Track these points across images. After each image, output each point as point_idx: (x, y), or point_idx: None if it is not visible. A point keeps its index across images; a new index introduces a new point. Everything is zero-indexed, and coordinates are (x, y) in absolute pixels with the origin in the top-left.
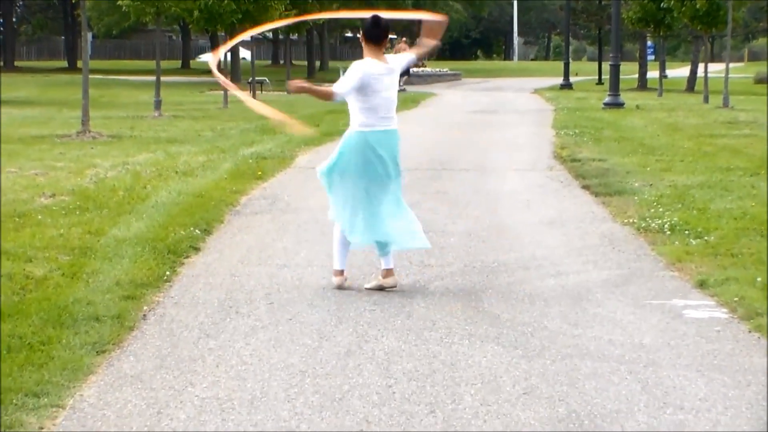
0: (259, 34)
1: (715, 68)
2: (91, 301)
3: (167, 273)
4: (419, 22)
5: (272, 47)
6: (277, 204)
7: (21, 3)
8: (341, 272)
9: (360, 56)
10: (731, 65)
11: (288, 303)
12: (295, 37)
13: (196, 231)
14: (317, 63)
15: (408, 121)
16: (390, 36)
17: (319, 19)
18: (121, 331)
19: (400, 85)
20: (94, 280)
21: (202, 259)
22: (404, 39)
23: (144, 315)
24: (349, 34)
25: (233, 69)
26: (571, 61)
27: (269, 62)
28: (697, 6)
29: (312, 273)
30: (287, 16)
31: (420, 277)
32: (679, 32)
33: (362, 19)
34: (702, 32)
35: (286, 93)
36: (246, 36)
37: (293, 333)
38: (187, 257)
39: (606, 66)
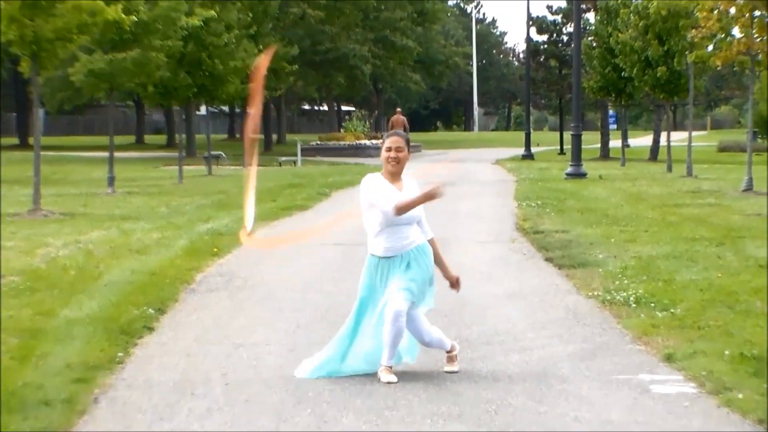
0: (215, 107)
1: (678, 137)
2: (40, 385)
3: (120, 354)
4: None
5: (228, 121)
6: (233, 281)
7: None
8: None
9: (317, 129)
10: (694, 133)
11: (245, 383)
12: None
13: (150, 310)
14: (274, 136)
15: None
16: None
17: (277, 90)
18: (72, 415)
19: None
20: (45, 363)
21: (156, 338)
22: (398, 109)
23: (95, 398)
24: (306, 107)
25: (189, 143)
26: (532, 131)
27: (225, 136)
28: (658, 75)
29: (269, 352)
30: (244, 91)
31: None
32: (640, 101)
33: None
34: (664, 101)
35: (243, 168)
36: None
37: (250, 415)
38: (140, 337)
39: (567, 135)
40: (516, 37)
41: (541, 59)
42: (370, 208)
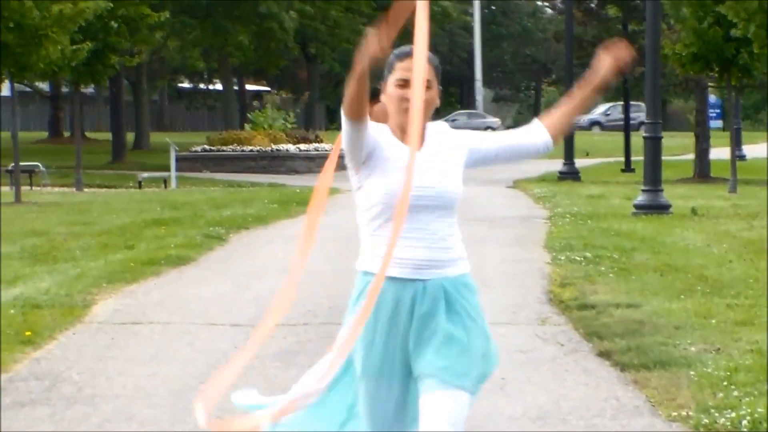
0: (27, 84)
1: None
2: None
3: None
4: None
5: (50, 109)
6: (59, 388)
7: None
8: None
9: (205, 125)
10: None
11: None
12: (90, 89)
13: None
14: (130, 136)
15: (292, 238)
16: None
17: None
18: None
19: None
20: None
21: None
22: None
23: None
24: (185, 85)
25: None
26: (577, 130)
27: (45, 134)
28: None
29: None
30: (76, 55)
31: None
32: (763, 80)
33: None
34: None
35: (74, 191)
36: None
37: None
38: None
39: (638, 139)
40: None
41: (593, 4)
42: (355, 173)
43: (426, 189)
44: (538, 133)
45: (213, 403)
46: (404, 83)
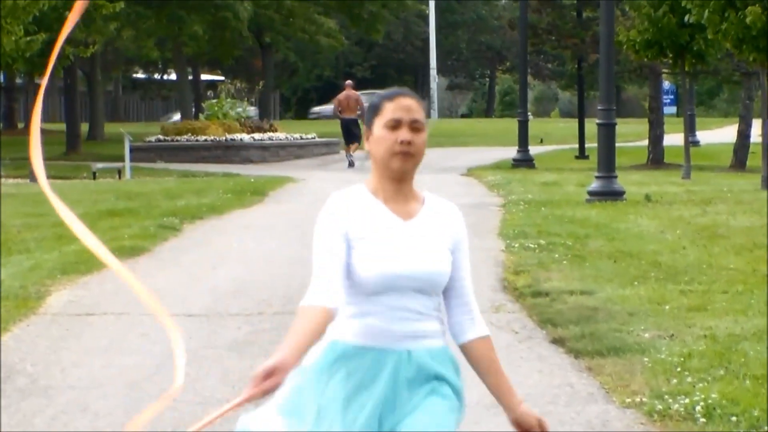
0: None
1: None
2: None
3: None
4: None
5: (4, 99)
6: (13, 380)
7: None
8: None
9: (159, 114)
10: None
11: None
12: (44, 81)
13: None
14: (84, 127)
15: (247, 228)
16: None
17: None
18: None
19: None
20: None
21: None
22: (348, 82)
23: None
24: (140, 75)
25: None
26: (531, 117)
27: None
28: (749, 19)
29: None
30: (30, 45)
31: None
32: (717, 66)
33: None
34: (757, 66)
35: (29, 182)
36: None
37: None
38: None
39: (592, 126)
40: None
41: None
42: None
43: (412, 270)
44: (473, 322)
45: None
46: (396, 124)
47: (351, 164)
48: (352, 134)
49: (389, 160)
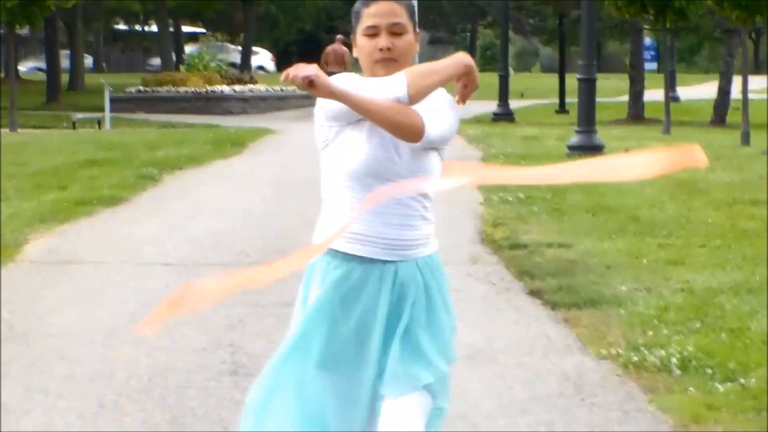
0: None
1: (761, 84)
2: None
3: None
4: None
5: None
6: None
7: None
8: None
9: (140, 66)
10: None
11: None
12: (24, 31)
13: None
14: (65, 77)
15: (226, 179)
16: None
17: None
18: None
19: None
20: None
21: None
22: (339, 36)
23: None
24: (121, 27)
25: None
26: (512, 72)
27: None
28: None
29: None
30: None
31: None
32: (698, 24)
33: None
34: (738, 23)
35: (8, 131)
36: None
37: None
38: None
39: (572, 81)
40: None
41: None
42: (329, 128)
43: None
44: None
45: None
46: (375, 31)
47: None
48: None
49: (372, 69)
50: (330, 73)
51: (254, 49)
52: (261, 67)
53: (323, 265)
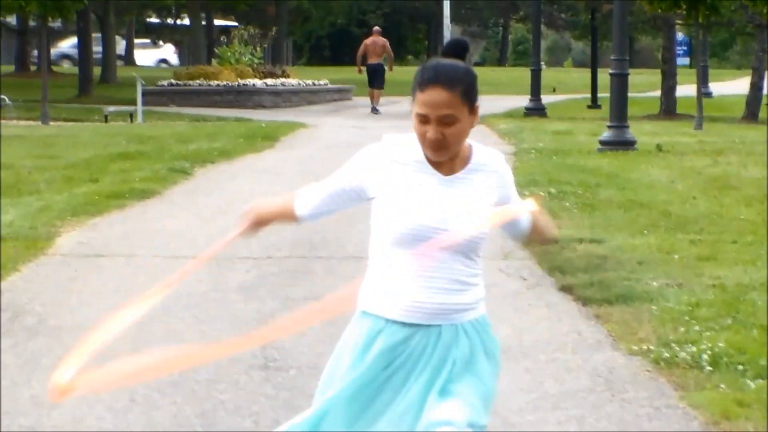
0: None
1: None
2: None
3: None
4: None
5: (17, 42)
6: (22, 319)
7: None
8: None
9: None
10: None
11: None
12: (57, 24)
13: None
14: (97, 71)
15: (258, 172)
16: None
17: None
18: None
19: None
20: None
21: None
22: (376, 28)
23: None
24: (153, 20)
25: None
26: (544, 66)
27: (12, 68)
28: None
29: None
30: None
31: None
32: (730, 18)
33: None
34: None
35: (41, 124)
36: None
37: None
38: None
39: (604, 76)
40: None
41: None
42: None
43: (445, 230)
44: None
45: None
46: (424, 119)
47: (374, 110)
48: (376, 78)
49: (423, 147)
50: (370, 65)
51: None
52: (164, 60)
53: (365, 329)
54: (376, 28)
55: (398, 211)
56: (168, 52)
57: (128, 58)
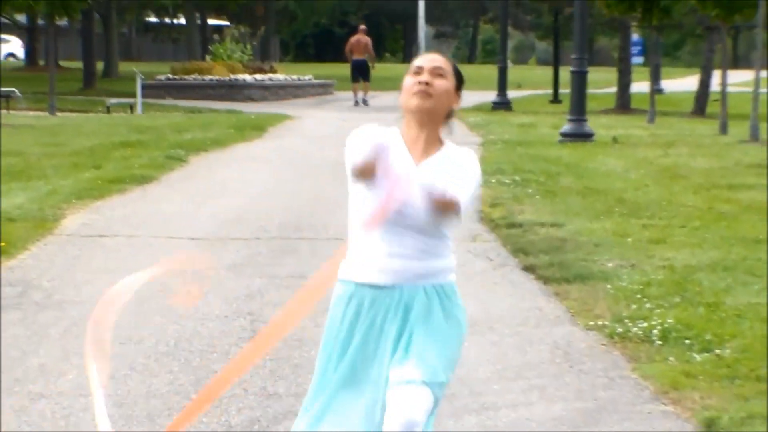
0: (5, 17)
1: (739, 78)
2: None
3: None
4: None
5: (27, 39)
6: (30, 294)
7: None
8: None
9: (169, 55)
10: (763, 74)
11: None
12: (63, 22)
13: None
14: (99, 65)
15: (247, 160)
16: None
17: None
18: None
19: None
20: None
21: None
22: (362, 27)
23: None
24: (152, 19)
25: None
26: (510, 64)
27: (23, 63)
28: None
29: (85, 406)
30: None
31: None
32: (681, 21)
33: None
34: (718, 21)
35: (48, 115)
36: None
37: None
38: None
39: (566, 73)
40: None
41: None
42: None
43: (414, 209)
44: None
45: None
46: (419, 70)
47: (356, 103)
48: (360, 73)
49: (409, 101)
50: (355, 61)
51: (5, 37)
52: (12, 54)
53: (340, 295)
54: (362, 27)
55: (379, 192)
56: (16, 46)
57: (127, 54)
